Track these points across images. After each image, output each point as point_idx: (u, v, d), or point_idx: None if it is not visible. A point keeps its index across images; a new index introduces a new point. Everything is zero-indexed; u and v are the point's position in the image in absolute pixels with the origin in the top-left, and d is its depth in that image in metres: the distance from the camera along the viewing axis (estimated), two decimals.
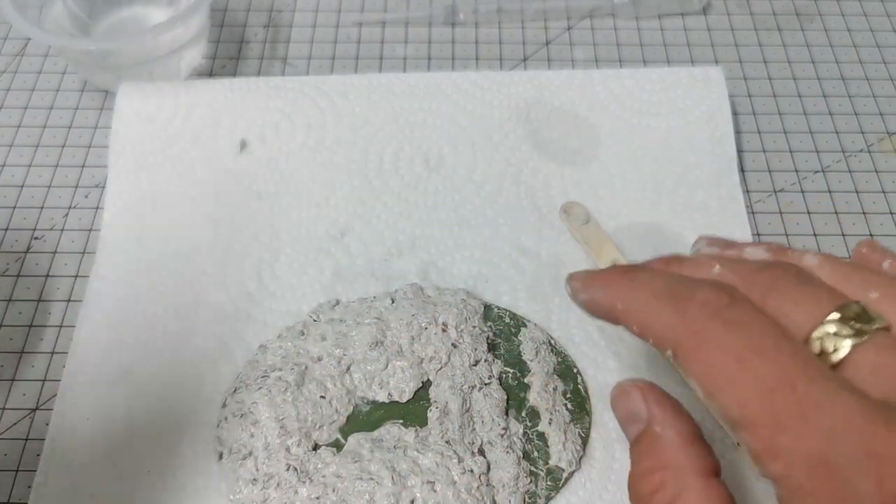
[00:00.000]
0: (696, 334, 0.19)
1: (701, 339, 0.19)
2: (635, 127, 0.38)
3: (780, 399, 0.17)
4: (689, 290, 0.20)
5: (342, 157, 0.38)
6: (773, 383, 0.18)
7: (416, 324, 0.31)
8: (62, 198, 0.38)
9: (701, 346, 0.19)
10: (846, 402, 0.17)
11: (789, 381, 0.17)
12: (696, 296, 0.20)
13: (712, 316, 0.19)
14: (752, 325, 0.19)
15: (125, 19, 0.43)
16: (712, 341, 0.19)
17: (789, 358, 0.18)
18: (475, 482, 0.27)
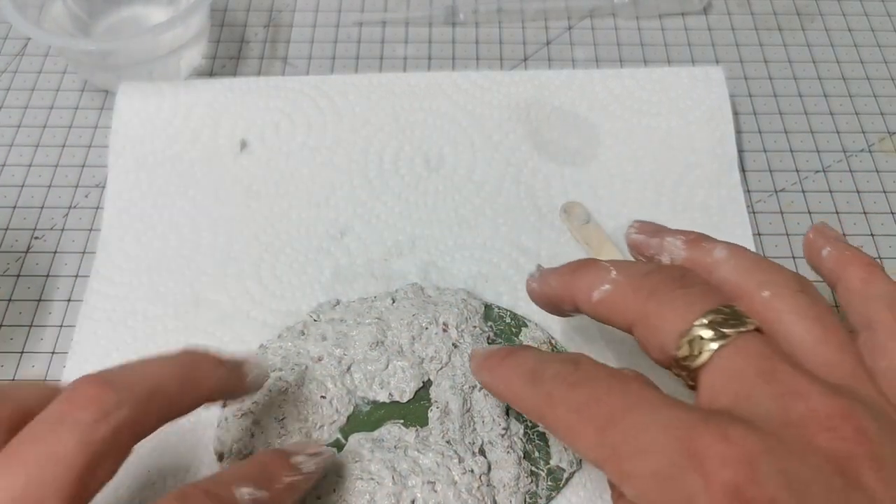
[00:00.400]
0: (550, 401, 0.22)
1: (553, 404, 0.22)
2: (635, 127, 0.38)
3: (611, 434, 0.20)
4: (543, 368, 0.23)
5: (342, 157, 0.38)
6: (602, 423, 0.20)
7: (416, 324, 0.31)
8: (62, 198, 0.38)
9: (553, 409, 0.22)
10: (668, 419, 0.19)
11: (614, 417, 0.20)
12: (548, 371, 0.22)
13: (560, 383, 0.22)
14: (591, 381, 0.21)
15: (125, 19, 0.43)
16: (560, 403, 0.22)
17: (618, 396, 0.20)
18: (476, 482, 0.27)
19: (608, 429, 0.20)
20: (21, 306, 0.34)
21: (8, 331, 0.34)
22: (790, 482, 0.17)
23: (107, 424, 0.20)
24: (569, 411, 0.21)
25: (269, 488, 0.23)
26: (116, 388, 0.21)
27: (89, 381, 0.21)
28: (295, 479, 0.25)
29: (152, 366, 0.23)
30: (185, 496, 0.21)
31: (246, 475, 0.23)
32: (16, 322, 0.34)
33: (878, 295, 0.24)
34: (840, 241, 0.26)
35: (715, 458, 0.17)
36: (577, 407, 0.21)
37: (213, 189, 0.37)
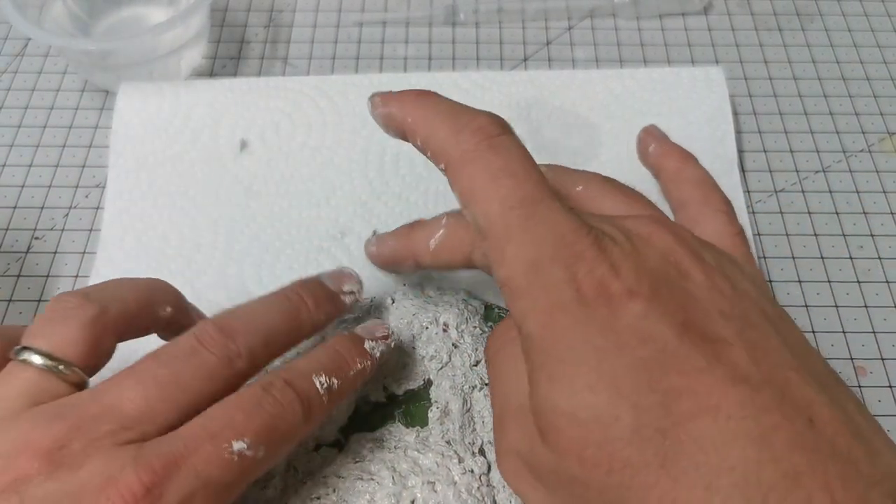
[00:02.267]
0: (465, 153, 0.22)
1: (468, 158, 0.22)
2: (636, 127, 0.38)
3: (513, 214, 0.21)
4: (468, 117, 0.23)
5: (342, 157, 0.38)
6: (512, 202, 0.21)
7: (416, 323, 0.31)
8: (62, 198, 0.38)
9: (466, 164, 0.22)
10: (562, 219, 0.21)
11: (526, 200, 0.21)
12: (473, 122, 0.23)
13: (482, 140, 0.22)
14: (511, 153, 0.22)
15: (125, 19, 0.43)
16: (477, 161, 0.22)
17: (533, 184, 0.21)
18: (476, 482, 0.27)
19: (513, 209, 0.21)
20: (21, 307, 0.34)
21: None
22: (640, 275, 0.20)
23: (229, 369, 0.23)
24: (483, 173, 0.22)
25: (342, 377, 0.25)
26: (239, 341, 0.24)
27: (215, 325, 0.24)
28: (365, 364, 0.26)
29: (263, 314, 0.25)
30: (269, 385, 0.23)
31: (322, 364, 0.25)
32: (16, 322, 0.34)
33: (688, 178, 0.30)
34: (664, 140, 0.33)
35: (587, 259, 0.20)
36: (494, 174, 0.22)
37: (213, 189, 0.37)
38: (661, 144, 0.32)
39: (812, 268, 0.36)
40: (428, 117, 0.24)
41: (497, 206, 0.21)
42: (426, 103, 0.24)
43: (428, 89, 0.25)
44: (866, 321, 0.34)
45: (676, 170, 0.30)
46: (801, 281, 0.35)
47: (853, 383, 0.32)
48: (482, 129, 0.22)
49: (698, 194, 0.29)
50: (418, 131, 0.24)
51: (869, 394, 0.32)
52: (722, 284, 0.21)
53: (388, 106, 0.25)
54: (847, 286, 0.35)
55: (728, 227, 0.27)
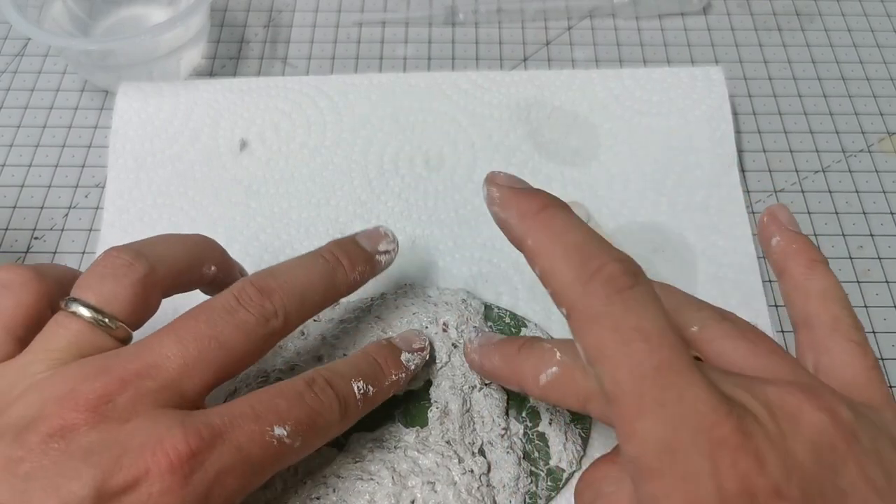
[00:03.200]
0: (593, 307, 0.20)
1: (596, 313, 0.20)
2: (635, 127, 0.38)
3: (647, 385, 0.19)
4: (599, 260, 0.20)
5: (342, 157, 0.38)
6: (646, 369, 0.19)
7: (416, 322, 0.31)
8: (62, 198, 0.38)
9: (595, 319, 0.20)
10: (701, 393, 0.18)
11: (661, 369, 0.19)
12: (605, 269, 0.20)
13: (613, 293, 0.20)
14: (646, 310, 0.19)
15: (125, 19, 0.43)
16: (606, 318, 0.19)
17: (668, 349, 0.19)
18: (475, 482, 0.27)
19: (647, 379, 0.19)
20: None
21: None
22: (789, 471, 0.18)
23: (265, 328, 0.24)
24: (613, 333, 0.19)
25: (378, 386, 0.26)
26: (275, 301, 0.24)
27: (253, 285, 0.24)
28: (400, 376, 0.27)
29: (301, 274, 0.26)
30: (312, 381, 0.24)
31: (361, 371, 0.26)
32: None
33: (816, 291, 0.25)
34: (789, 231, 0.26)
35: (729, 448, 0.18)
36: (625, 336, 0.19)
37: (213, 189, 0.37)
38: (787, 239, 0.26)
39: None
40: (552, 251, 0.21)
41: (628, 373, 0.19)
42: (551, 229, 0.21)
43: (553, 202, 0.22)
44: (866, 321, 0.34)
45: (803, 277, 0.25)
46: None
47: None
48: (613, 279, 0.20)
49: (827, 315, 0.24)
50: (538, 262, 0.22)
51: None
52: (876, 476, 0.18)
53: (506, 212, 0.23)
54: (847, 286, 0.35)
55: (862, 360, 0.23)
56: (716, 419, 0.18)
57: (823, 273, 0.25)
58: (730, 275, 0.34)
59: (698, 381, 0.18)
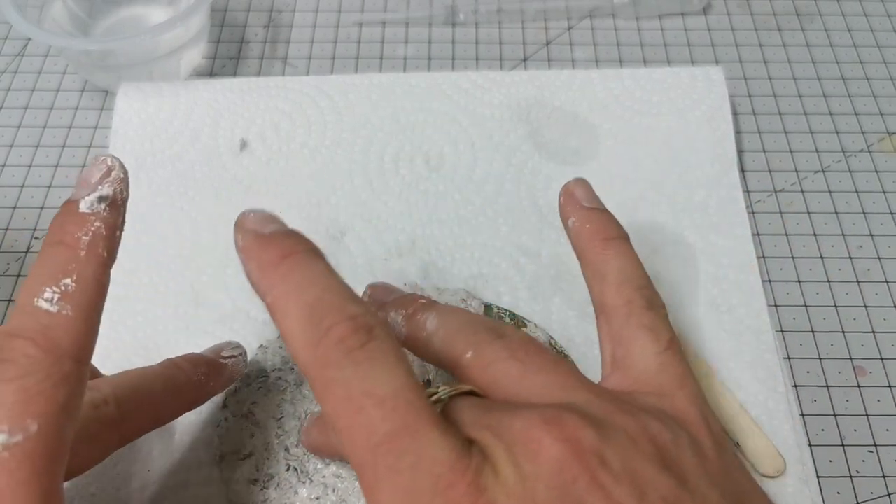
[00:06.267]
0: (326, 370, 0.18)
1: (329, 379, 0.18)
2: (635, 127, 0.38)
3: (381, 453, 0.17)
4: (330, 318, 0.19)
5: (342, 157, 0.38)
6: (379, 437, 0.18)
7: None
8: (62, 198, 0.38)
9: (327, 386, 0.18)
10: (437, 453, 0.17)
11: (394, 434, 0.17)
12: (334, 329, 0.18)
13: (342, 356, 0.18)
14: (378, 371, 0.18)
15: (125, 19, 0.43)
16: (338, 383, 0.18)
17: (403, 410, 0.18)
18: None
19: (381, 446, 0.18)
20: None
21: None
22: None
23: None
24: (345, 401, 0.18)
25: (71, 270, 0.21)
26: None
27: None
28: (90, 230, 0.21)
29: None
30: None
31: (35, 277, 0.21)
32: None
33: (610, 273, 0.23)
34: (584, 209, 0.25)
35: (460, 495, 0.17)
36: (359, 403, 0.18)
37: (212, 189, 0.37)
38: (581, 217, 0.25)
39: (811, 267, 0.36)
40: (288, 310, 0.19)
41: (363, 442, 0.18)
42: (290, 284, 0.19)
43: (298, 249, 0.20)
44: (866, 321, 0.34)
45: (598, 260, 0.24)
46: (800, 281, 0.35)
47: (853, 383, 0.32)
48: (343, 340, 0.18)
49: (620, 301, 0.23)
50: (276, 320, 0.19)
51: (868, 394, 0.32)
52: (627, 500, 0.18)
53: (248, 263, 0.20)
54: (847, 286, 0.35)
55: (653, 345, 0.22)
56: (451, 479, 0.17)
57: (617, 251, 0.24)
58: (730, 275, 0.34)
59: (435, 441, 0.18)
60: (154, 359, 0.32)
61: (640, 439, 0.19)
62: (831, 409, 0.32)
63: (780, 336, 0.33)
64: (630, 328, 0.23)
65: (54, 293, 0.20)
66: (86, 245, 0.20)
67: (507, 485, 0.17)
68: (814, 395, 0.32)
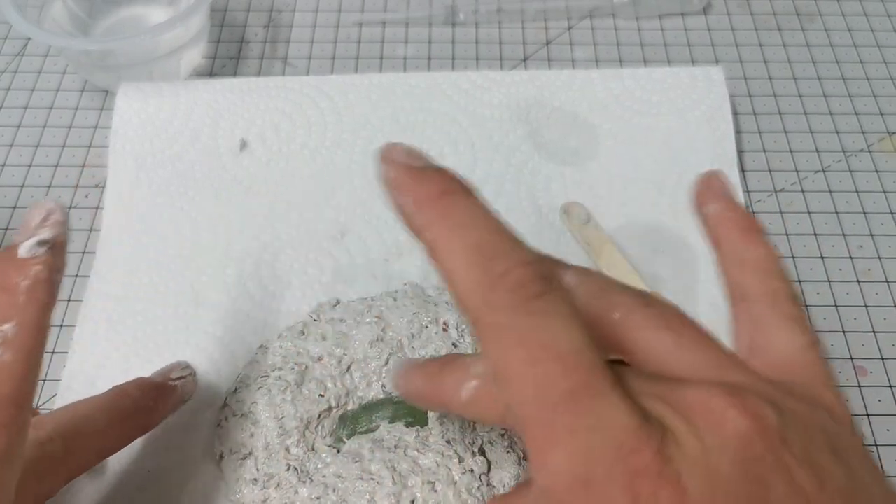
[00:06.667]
0: (497, 317, 0.17)
1: (502, 325, 0.17)
2: (635, 127, 0.38)
3: (559, 412, 0.16)
4: (506, 262, 0.17)
5: (342, 157, 0.38)
6: (557, 395, 0.16)
7: (416, 322, 0.31)
8: (62, 198, 0.38)
9: (500, 333, 0.17)
10: (621, 418, 0.16)
11: (575, 394, 0.16)
12: (512, 273, 0.17)
13: (520, 304, 0.17)
14: (558, 324, 0.17)
15: (125, 19, 0.43)
16: (512, 331, 0.17)
17: (585, 369, 0.17)
18: (475, 482, 0.27)
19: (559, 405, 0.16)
20: None
21: None
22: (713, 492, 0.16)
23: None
24: (520, 350, 0.17)
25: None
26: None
27: None
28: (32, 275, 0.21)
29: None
30: None
31: None
32: None
33: (752, 262, 0.23)
34: (725, 198, 0.24)
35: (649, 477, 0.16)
36: (533, 355, 0.17)
37: (212, 189, 0.37)
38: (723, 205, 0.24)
39: (812, 267, 0.36)
40: (452, 248, 0.18)
41: (537, 397, 0.17)
42: (452, 221, 0.18)
43: (455, 186, 0.19)
44: (866, 321, 0.34)
45: (740, 246, 0.23)
46: (800, 281, 0.35)
47: (853, 383, 0.32)
48: (521, 286, 0.17)
49: (764, 289, 0.22)
50: (437, 259, 0.18)
51: (869, 394, 0.32)
52: (808, 485, 0.17)
53: (401, 196, 0.19)
54: (847, 286, 0.35)
55: (800, 337, 0.21)
56: (635, 446, 0.16)
57: (761, 242, 0.23)
58: None
59: (618, 405, 0.17)
60: (154, 359, 0.32)
61: (812, 426, 0.18)
62: None
63: None
64: (775, 317, 0.22)
65: None
66: (25, 290, 0.20)
67: (691, 456, 0.17)
68: None
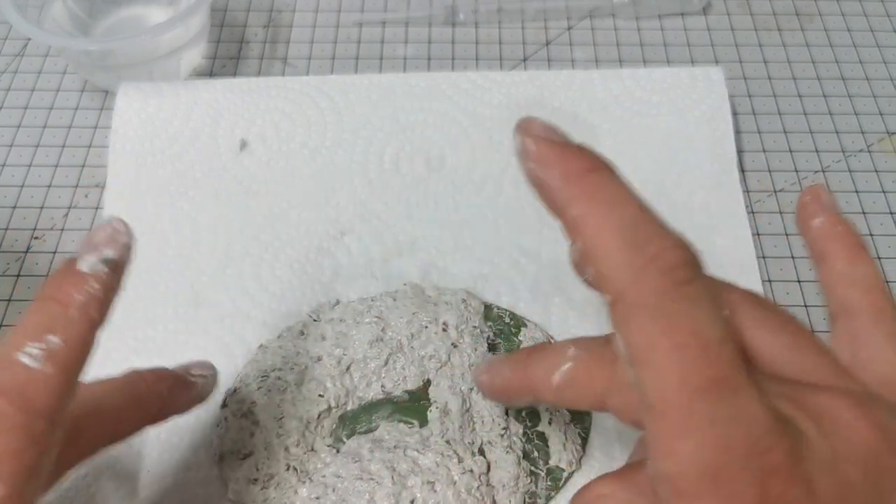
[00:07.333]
0: (643, 298, 0.17)
1: (649, 307, 0.17)
2: (635, 127, 0.38)
3: (699, 400, 0.16)
4: (657, 244, 0.17)
5: (342, 157, 0.38)
6: (698, 383, 0.16)
7: (416, 322, 0.31)
8: (62, 198, 0.38)
9: (646, 314, 0.17)
10: (758, 414, 0.16)
11: (716, 384, 0.16)
12: (663, 255, 0.17)
13: (670, 287, 0.17)
14: (705, 313, 0.17)
15: (125, 19, 0.43)
16: (660, 314, 0.17)
17: (727, 361, 0.17)
18: (475, 482, 0.27)
19: (700, 393, 0.16)
20: (21, 306, 0.34)
21: (8, 331, 0.34)
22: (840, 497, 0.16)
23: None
24: (665, 335, 0.17)
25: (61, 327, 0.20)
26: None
27: None
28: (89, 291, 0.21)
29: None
30: None
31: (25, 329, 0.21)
32: (16, 322, 0.34)
33: (859, 279, 0.23)
34: (833, 212, 0.24)
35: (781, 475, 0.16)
36: (680, 340, 0.17)
37: (212, 189, 0.37)
38: (831, 221, 0.24)
39: (811, 267, 0.36)
40: (601, 225, 0.18)
41: (678, 383, 0.16)
42: (601, 198, 0.18)
43: (602, 164, 0.19)
44: None
45: (845, 264, 0.23)
46: (800, 281, 0.35)
47: None
48: (672, 270, 0.17)
49: (869, 306, 0.22)
50: (582, 236, 0.18)
51: None
52: None
53: (546, 171, 0.19)
54: None
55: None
56: (769, 443, 0.16)
57: (867, 260, 0.23)
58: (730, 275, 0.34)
59: (755, 400, 0.16)
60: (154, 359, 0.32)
61: None
62: None
63: None
64: (879, 334, 0.22)
65: (38, 349, 0.19)
66: (79, 305, 0.20)
67: (822, 460, 0.17)
68: None
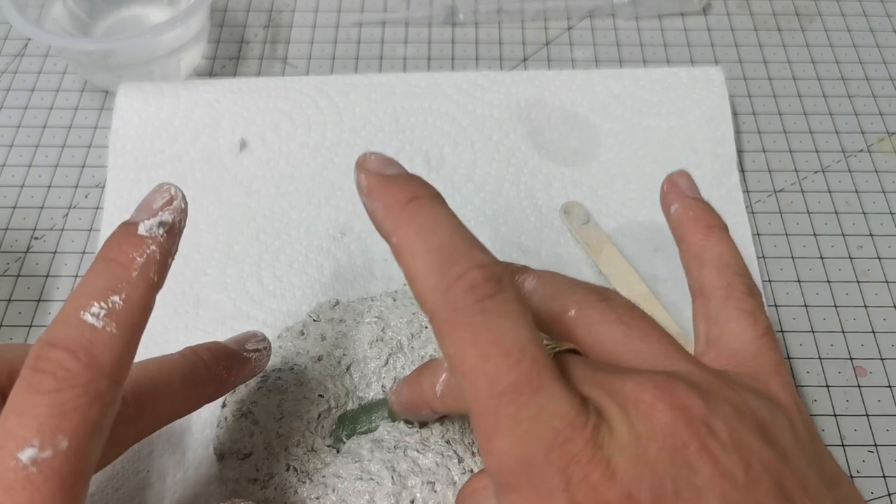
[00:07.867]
0: (453, 315, 0.19)
1: (456, 323, 0.19)
2: (635, 127, 0.38)
3: (504, 403, 0.18)
4: (462, 264, 0.19)
5: (342, 157, 0.38)
6: (502, 387, 0.18)
7: (416, 322, 0.31)
8: (62, 198, 0.38)
9: (455, 330, 0.19)
10: (559, 408, 0.18)
11: (517, 387, 0.18)
12: (467, 275, 0.19)
13: (473, 303, 0.19)
14: (506, 322, 0.18)
15: (125, 19, 0.43)
16: (466, 329, 0.18)
17: (528, 364, 0.18)
18: None
19: (504, 396, 0.18)
20: (21, 306, 0.34)
21: (8, 331, 0.34)
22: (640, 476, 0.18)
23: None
24: (471, 346, 0.18)
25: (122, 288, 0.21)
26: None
27: None
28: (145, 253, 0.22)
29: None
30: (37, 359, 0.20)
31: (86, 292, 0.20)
32: (16, 322, 0.34)
33: (711, 258, 0.24)
34: (688, 198, 0.26)
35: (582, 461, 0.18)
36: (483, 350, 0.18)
37: (213, 189, 0.37)
38: (685, 206, 0.26)
39: (811, 267, 0.36)
40: (415, 251, 0.19)
41: (485, 389, 0.18)
42: (416, 225, 0.20)
43: (423, 192, 0.20)
44: (866, 321, 0.34)
45: (698, 245, 0.25)
46: (800, 281, 0.35)
47: (853, 383, 0.32)
48: (475, 287, 0.19)
49: (720, 284, 0.24)
50: (402, 261, 0.20)
51: (869, 394, 0.32)
52: (735, 469, 0.18)
53: (373, 203, 0.20)
54: (846, 286, 0.35)
55: (752, 329, 0.23)
56: (570, 435, 0.18)
57: (719, 239, 0.25)
58: None
59: (557, 396, 0.18)
60: None
61: (743, 413, 0.19)
62: (831, 409, 0.32)
63: (780, 336, 0.33)
64: (728, 310, 0.23)
65: (102, 308, 0.20)
66: (139, 266, 0.21)
67: (621, 443, 0.18)
68: (814, 395, 0.32)
